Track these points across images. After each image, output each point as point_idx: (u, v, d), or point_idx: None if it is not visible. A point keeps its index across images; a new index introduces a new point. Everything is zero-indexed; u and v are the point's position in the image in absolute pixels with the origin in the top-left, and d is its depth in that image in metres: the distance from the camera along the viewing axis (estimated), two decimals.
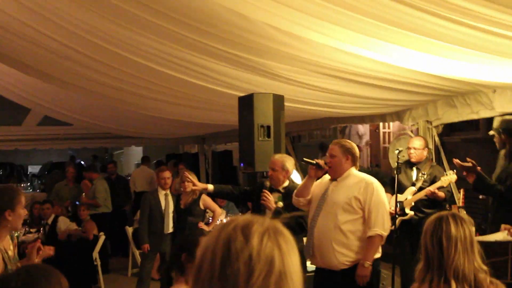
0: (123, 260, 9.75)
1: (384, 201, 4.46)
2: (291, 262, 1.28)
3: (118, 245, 10.34)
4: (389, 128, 13.76)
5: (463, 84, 5.68)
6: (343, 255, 4.40)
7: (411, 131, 7.58)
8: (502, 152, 5.47)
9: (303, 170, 6.86)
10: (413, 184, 6.01)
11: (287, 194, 5.06)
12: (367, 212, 4.37)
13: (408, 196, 5.95)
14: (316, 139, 15.18)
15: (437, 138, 6.96)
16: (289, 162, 5.18)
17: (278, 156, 5.21)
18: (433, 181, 5.99)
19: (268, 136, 5.48)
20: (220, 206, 7.88)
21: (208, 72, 5.76)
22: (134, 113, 9.13)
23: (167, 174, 7.18)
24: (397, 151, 5.90)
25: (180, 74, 5.76)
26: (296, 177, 5.49)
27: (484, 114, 6.19)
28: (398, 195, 5.77)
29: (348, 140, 4.88)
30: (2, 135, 11.65)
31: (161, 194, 7.15)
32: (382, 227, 4.36)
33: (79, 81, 6.90)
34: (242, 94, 5.89)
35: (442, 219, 2.63)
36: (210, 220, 7.31)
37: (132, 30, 5.00)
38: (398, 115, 7.66)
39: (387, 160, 14.06)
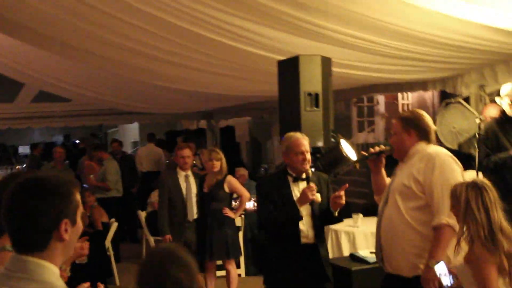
0: (133, 247, 8.94)
1: (450, 179, 3.35)
2: None
3: (126, 230, 9.51)
4: (407, 99, 12.98)
5: None
6: (414, 256, 3.44)
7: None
8: None
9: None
10: None
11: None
12: (428, 195, 3.40)
13: None
14: None
15: None
16: None
17: (301, 135, 4.13)
18: None
19: (317, 105, 4.61)
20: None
21: (241, 32, 4.90)
22: (142, 84, 8.21)
23: (187, 152, 6.26)
24: (478, 120, 4.99)
25: (210, 33, 4.89)
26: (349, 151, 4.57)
27: None
28: (472, 172, 4.93)
29: (417, 110, 3.93)
30: None
31: (181, 175, 6.23)
32: (450, 214, 3.26)
33: (84, 43, 5.94)
34: (279, 57, 5.03)
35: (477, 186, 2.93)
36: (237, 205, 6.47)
37: None
38: (443, 82, 6.84)
39: None
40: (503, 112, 4.86)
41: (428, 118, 3.64)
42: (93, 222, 7.14)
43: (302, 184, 4.04)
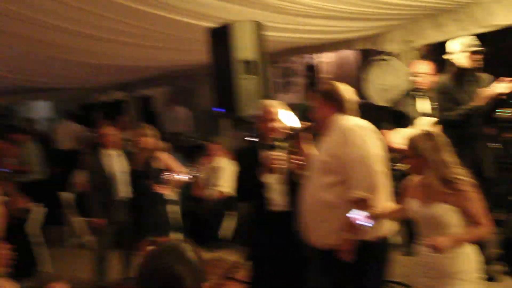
0: (58, 230, 8.47)
1: (365, 149, 3.27)
2: None
3: (50, 213, 8.97)
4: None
5: None
6: (327, 230, 3.41)
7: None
8: None
9: None
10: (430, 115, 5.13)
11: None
12: (343, 169, 3.31)
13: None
14: None
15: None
16: None
17: (269, 102, 4.18)
18: None
19: (253, 72, 4.44)
20: None
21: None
22: (53, 60, 7.63)
23: (110, 130, 5.96)
24: (412, 77, 4.99)
25: (129, 1, 4.51)
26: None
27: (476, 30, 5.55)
28: (404, 129, 4.97)
29: (332, 82, 3.72)
30: None
31: (105, 154, 5.90)
32: (362, 186, 3.25)
33: None
34: (205, 24, 4.76)
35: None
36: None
37: None
38: (369, 40, 6.81)
39: None
40: (458, 68, 4.93)
41: (343, 89, 3.52)
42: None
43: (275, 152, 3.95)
